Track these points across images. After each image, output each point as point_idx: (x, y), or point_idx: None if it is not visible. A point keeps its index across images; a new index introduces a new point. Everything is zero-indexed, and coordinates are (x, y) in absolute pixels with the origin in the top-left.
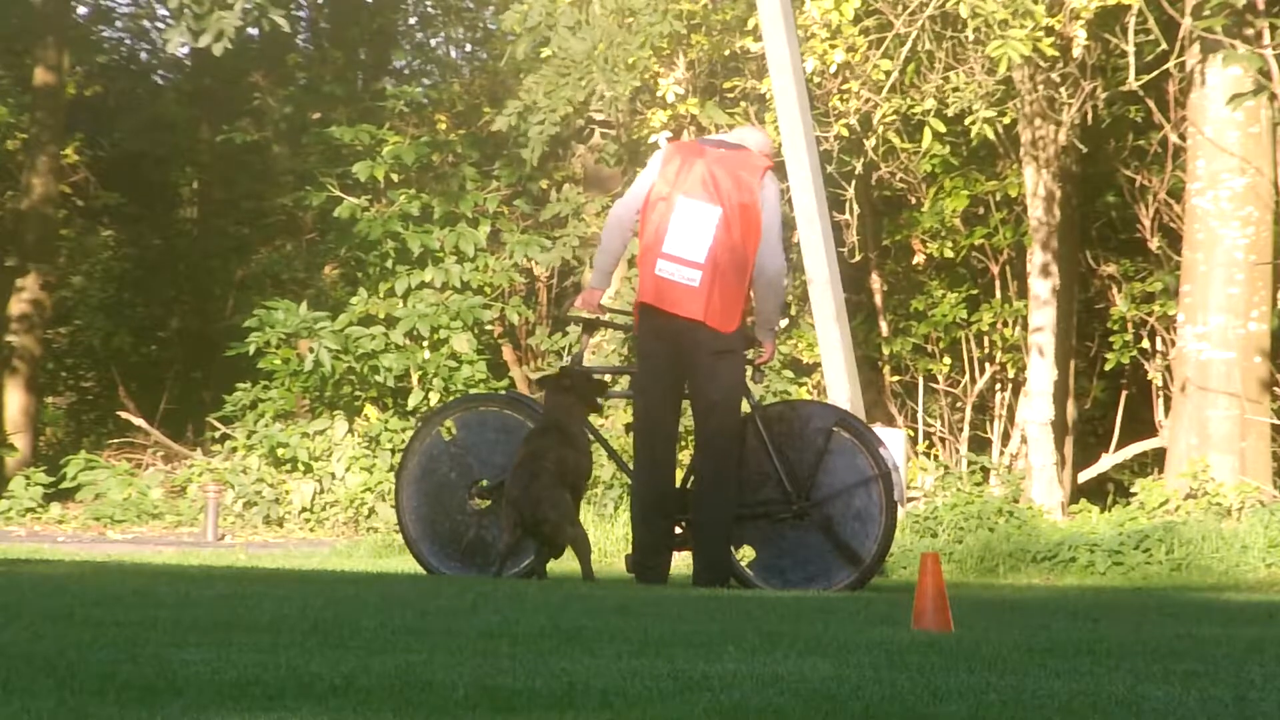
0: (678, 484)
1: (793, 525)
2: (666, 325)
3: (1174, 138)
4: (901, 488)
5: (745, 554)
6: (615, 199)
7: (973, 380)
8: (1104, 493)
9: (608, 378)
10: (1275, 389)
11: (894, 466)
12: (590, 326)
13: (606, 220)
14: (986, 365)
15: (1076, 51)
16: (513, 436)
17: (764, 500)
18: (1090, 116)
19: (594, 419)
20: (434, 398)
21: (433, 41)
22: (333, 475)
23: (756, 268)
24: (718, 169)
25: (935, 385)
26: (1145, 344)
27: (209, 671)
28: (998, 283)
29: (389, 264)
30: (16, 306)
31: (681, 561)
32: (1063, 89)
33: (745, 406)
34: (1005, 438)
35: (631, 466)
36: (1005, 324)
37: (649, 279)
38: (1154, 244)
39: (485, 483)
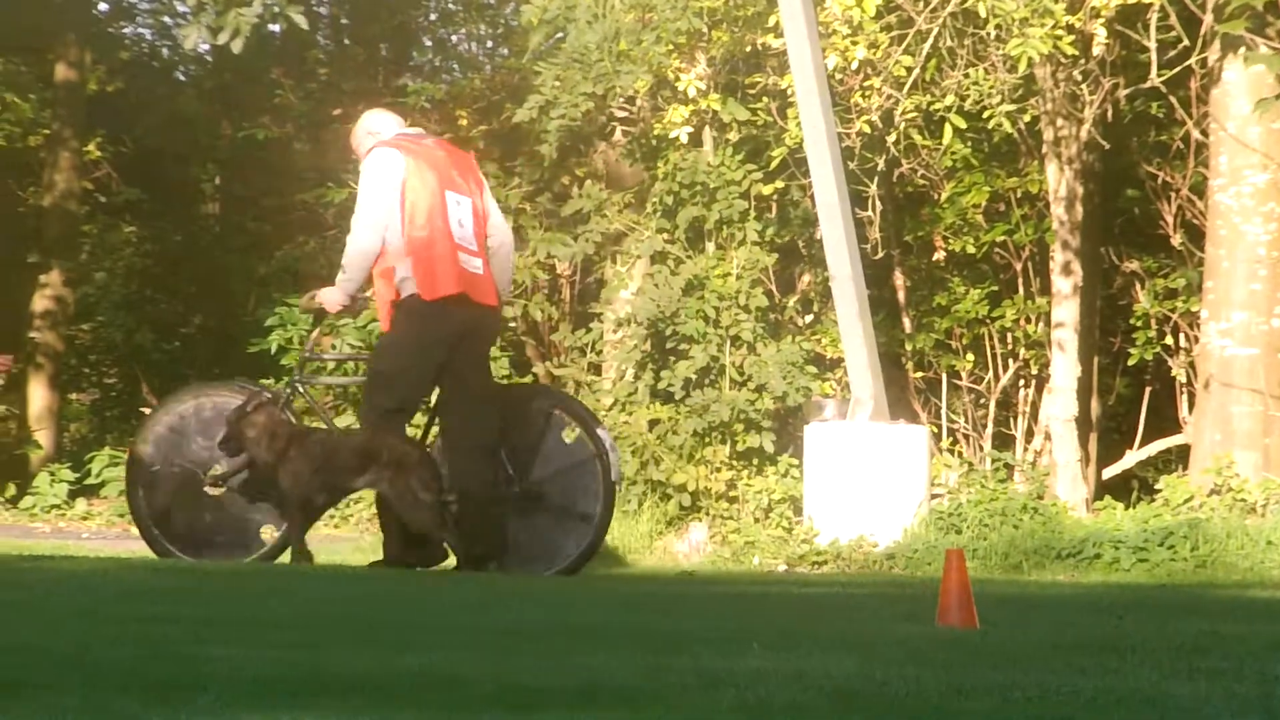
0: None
1: (516, 508)
2: (472, 315)
3: (1196, 134)
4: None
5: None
6: (636, 195)
7: (996, 376)
8: (1128, 489)
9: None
10: None
11: (611, 446)
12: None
13: (369, 237)
14: (1010, 361)
15: (1097, 49)
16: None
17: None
18: (1112, 113)
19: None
20: None
21: (453, 38)
22: None
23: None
24: (448, 156)
25: (959, 382)
26: (1169, 340)
27: (233, 668)
28: (1020, 279)
29: None
30: (40, 303)
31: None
32: (1084, 86)
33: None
34: (1029, 434)
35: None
36: (1028, 320)
37: (452, 271)
38: (1177, 240)
39: (219, 470)
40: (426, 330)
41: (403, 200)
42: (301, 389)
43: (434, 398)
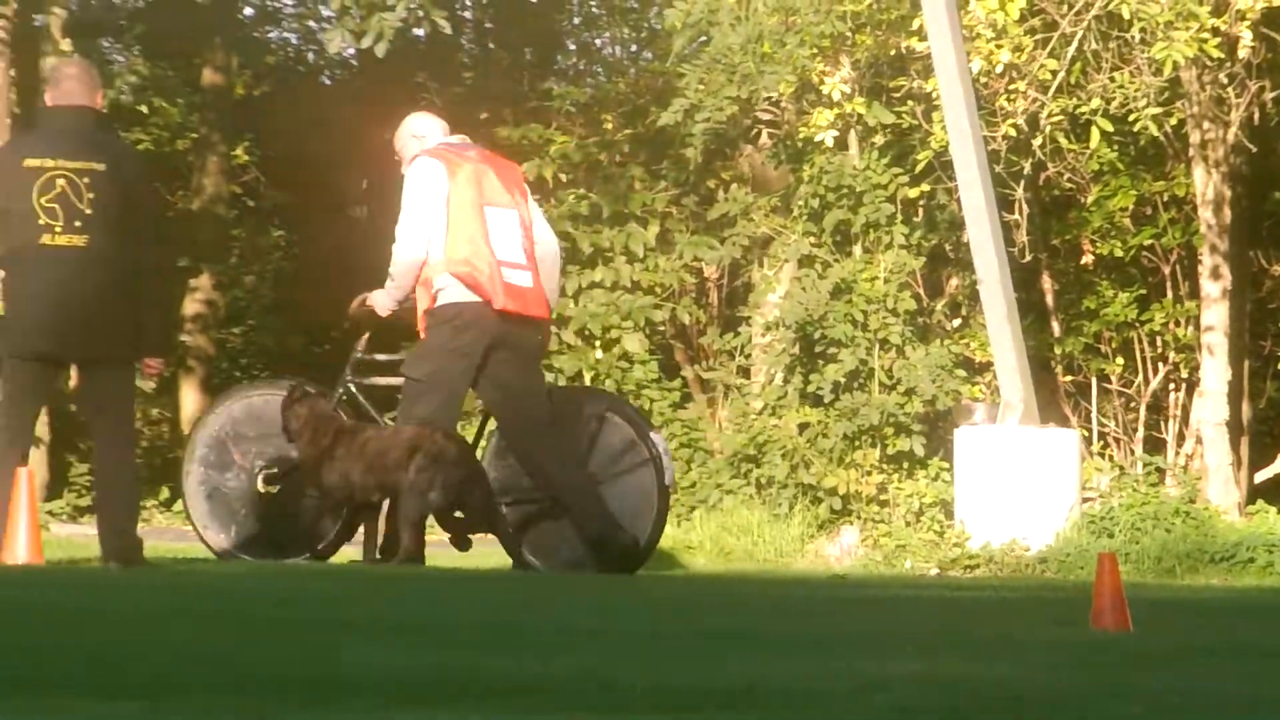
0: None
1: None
2: (513, 327)
3: None
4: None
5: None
6: (781, 198)
7: (1146, 380)
8: None
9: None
10: None
11: (664, 450)
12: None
13: (416, 247)
14: (1159, 365)
15: (1242, 52)
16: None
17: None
18: (1258, 116)
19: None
20: None
21: (597, 41)
22: None
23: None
24: (491, 167)
25: (1108, 385)
26: None
27: (387, 671)
28: (1168, 282)
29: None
30: (191, 306)
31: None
32: (1230, 89)
33: None
34: (1180, 438)
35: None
36: (1177, 323)
37: (499, 289)
38: None
39: (269, 468)
40: (459, 338)
41: (446, 213)
42: (353, 389)
43: (483, 412)
